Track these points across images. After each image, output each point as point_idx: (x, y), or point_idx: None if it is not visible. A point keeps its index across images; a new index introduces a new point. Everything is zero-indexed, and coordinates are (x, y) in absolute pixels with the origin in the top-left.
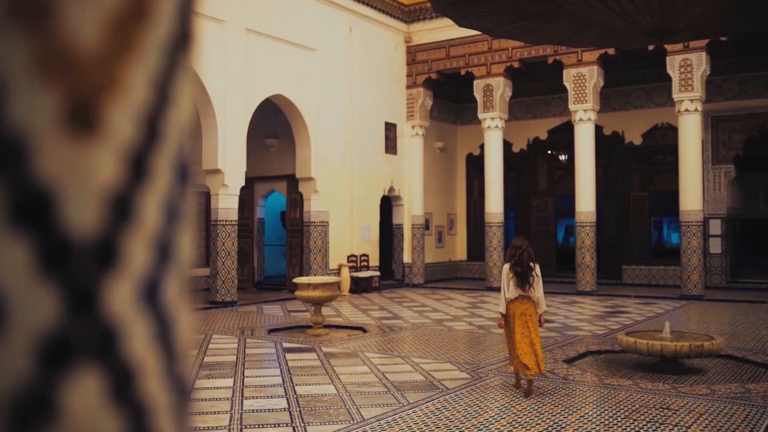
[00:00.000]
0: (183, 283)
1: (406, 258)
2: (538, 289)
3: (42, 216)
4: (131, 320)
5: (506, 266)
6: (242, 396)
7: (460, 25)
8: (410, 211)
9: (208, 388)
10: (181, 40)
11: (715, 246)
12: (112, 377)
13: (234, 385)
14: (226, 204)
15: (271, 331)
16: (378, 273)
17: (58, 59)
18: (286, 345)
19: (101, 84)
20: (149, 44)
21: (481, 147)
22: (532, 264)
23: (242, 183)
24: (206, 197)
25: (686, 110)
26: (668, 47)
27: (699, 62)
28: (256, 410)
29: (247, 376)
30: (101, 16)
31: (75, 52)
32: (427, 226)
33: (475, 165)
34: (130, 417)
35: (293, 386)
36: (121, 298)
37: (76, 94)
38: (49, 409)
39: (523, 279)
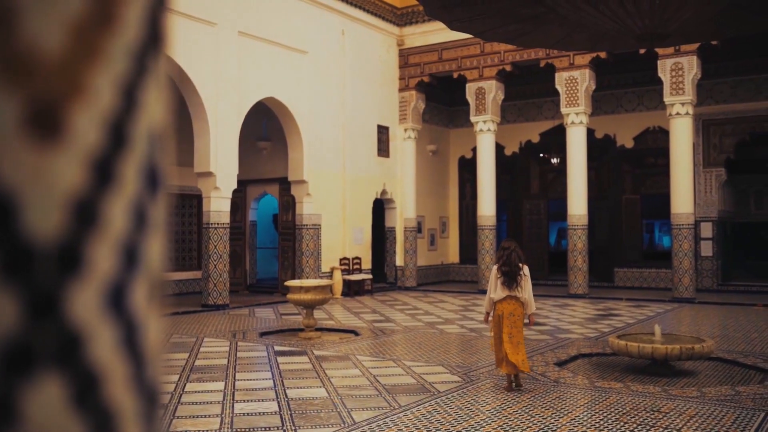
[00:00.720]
0: (152, 287)
1: (399, 261)
2: (526, 289)
3: (3, 221)
4: (96, 325)
5: (495, 267)
6: (233, 399)
7: (452, 28)
8: (403, 214)
9: (199, 392)
10: (152, 44)
11: (706, 249)
12: (75, 383)
13: (225, 388)
14: (218, 207)
15: (262, 334)
16: (370, 276)
17: (20, 64)
18: (277, 348)
19: (65, 89)
20: (116, 48)
21: (474, 150)
22: (520, 264)
23: (234, 186)
24: (198, 200)
25: (677, 113)
26: (659, 51)
27: (690, 66)
28: (247, 414)
29: (239, 380)
30: (65, 21)
31: (38, 57)
32: (419, 229)
33: (468, 168)
34: (94, 423)
35: (284, 389)
36: (85, 303)
37: (38, 100)
38: (10, 416)
39: (510, 278)
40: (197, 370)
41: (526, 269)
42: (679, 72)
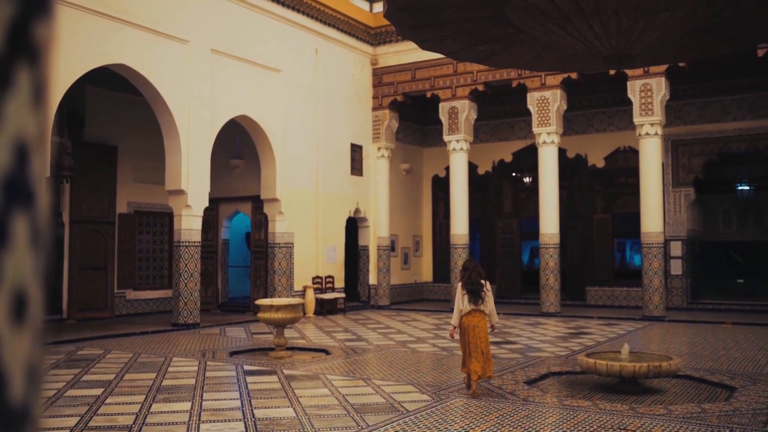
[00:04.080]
0: (17, 305)
1: (372, 279)
2: (489, 303)
3: None
4: None
5: (459, 285)
6: (199, 420)
7: (424, 48)
8: (376, 233)
9: (164, 412)
10: (16, 58)
11: (676, 267)
12: None
13: (191, 408)
14: (190, 225)
15: (232, 353)
16: (343, 295)
17: None
18: (247, 368)
19: None
20: None
21: (447, 169)
22: (482, 281)
23: (206, 204)
24: (169, 218)
25: (647, 134)
26: (629, 72)
27: (659, 87)
28: None
29: (206, 400)
30: None
31: None
32: (393, 248)
33: (441, 187)
34: None
35: (252, 409)
36: None
37: None
38: None
39: (475, 295)
40: (164, 390)
41: (488, 285)
42: (648, 93)
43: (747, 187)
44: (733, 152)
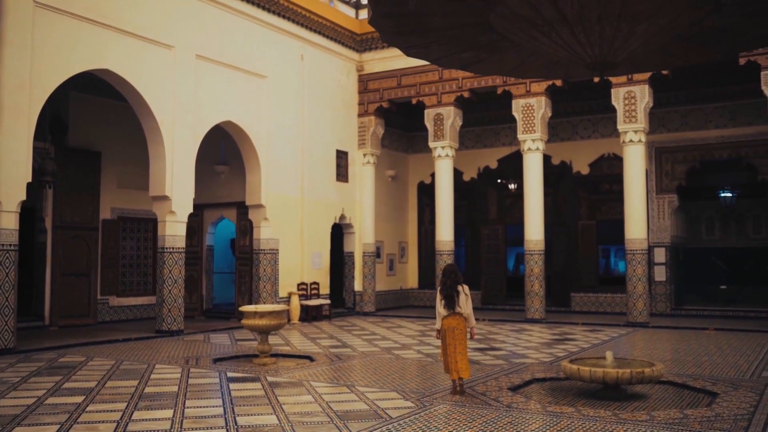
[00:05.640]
0: None
1: (357, 286)
2: (465, 307)
3: None
4: None
5: (438, 290)
6: (181, 427)
7: (409, 54)
8: (361, 239)
9: (146, 420)
10: None
11: (660, 274)
12: None
13: (174, 416)
14: (174, 231)
15: (216, 360)
16: (328, 301)
17: None
18: (230, 374)
19: None
20: None
21: (432, 175)
22: (459, 288)
23: (190, 210)
24: (153, 224)
25: (630, 141)
26: (613, 80)
27: (642, 95)
28: None
29: (188, 407)
30: None
31: None
32: (378, 254)
33: (427, 193)
34: None
35: (234, 417)
36: None
37: None
38: None
39: (450, 301)
40: (146, 397)
41: (466, 288)
42: (631, 100)
43: (729, 194)
44: (716, 159)
